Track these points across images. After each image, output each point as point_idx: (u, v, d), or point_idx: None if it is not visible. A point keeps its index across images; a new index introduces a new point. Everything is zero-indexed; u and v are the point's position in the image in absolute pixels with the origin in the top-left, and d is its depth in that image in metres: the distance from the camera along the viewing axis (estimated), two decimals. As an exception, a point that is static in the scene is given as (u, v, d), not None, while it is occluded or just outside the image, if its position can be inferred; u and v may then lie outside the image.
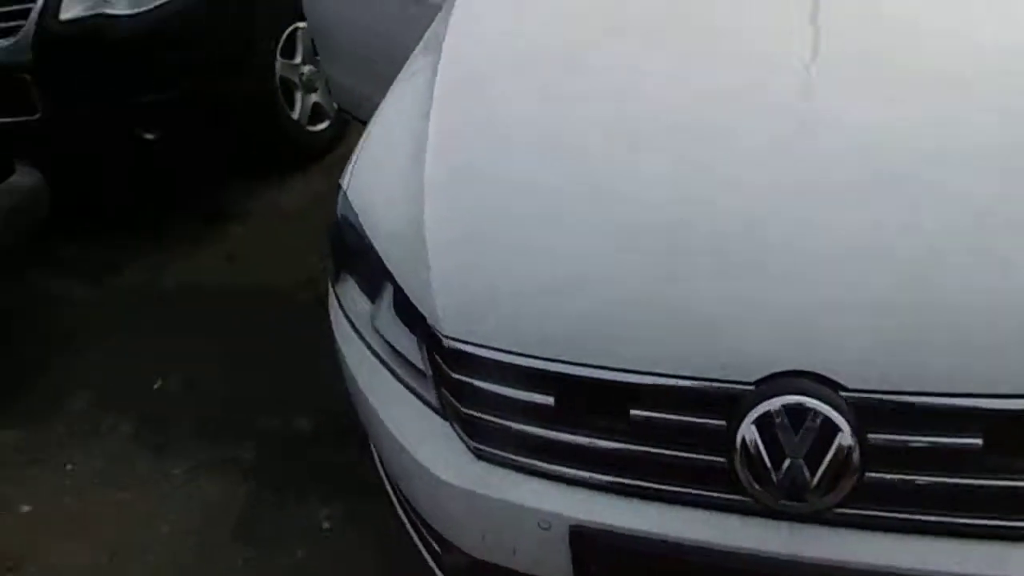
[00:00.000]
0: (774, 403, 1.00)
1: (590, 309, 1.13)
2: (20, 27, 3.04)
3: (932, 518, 1.00)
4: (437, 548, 1.38)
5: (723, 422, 1.03)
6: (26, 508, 2.08)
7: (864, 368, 0.99)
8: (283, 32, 3.39)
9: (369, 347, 1.39)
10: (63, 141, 3.28)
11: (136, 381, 2.43)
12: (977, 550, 0.99)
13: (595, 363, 1.09)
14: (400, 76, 1.65)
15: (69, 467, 2.20)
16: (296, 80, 3.44)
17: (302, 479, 2.00)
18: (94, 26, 3.08)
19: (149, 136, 3.22)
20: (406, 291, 1.28)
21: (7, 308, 2.64)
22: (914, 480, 0.99)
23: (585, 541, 1.13)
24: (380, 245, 1.35)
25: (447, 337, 1.19)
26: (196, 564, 1.87)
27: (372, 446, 1.50)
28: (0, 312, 2.56)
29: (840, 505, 1.01)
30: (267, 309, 2.63)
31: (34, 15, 3.02)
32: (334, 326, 1.50)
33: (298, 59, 3.45)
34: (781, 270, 1.07)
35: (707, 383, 1.04)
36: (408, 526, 1.48)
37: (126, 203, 3.44)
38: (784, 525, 1.04)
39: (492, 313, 1.18)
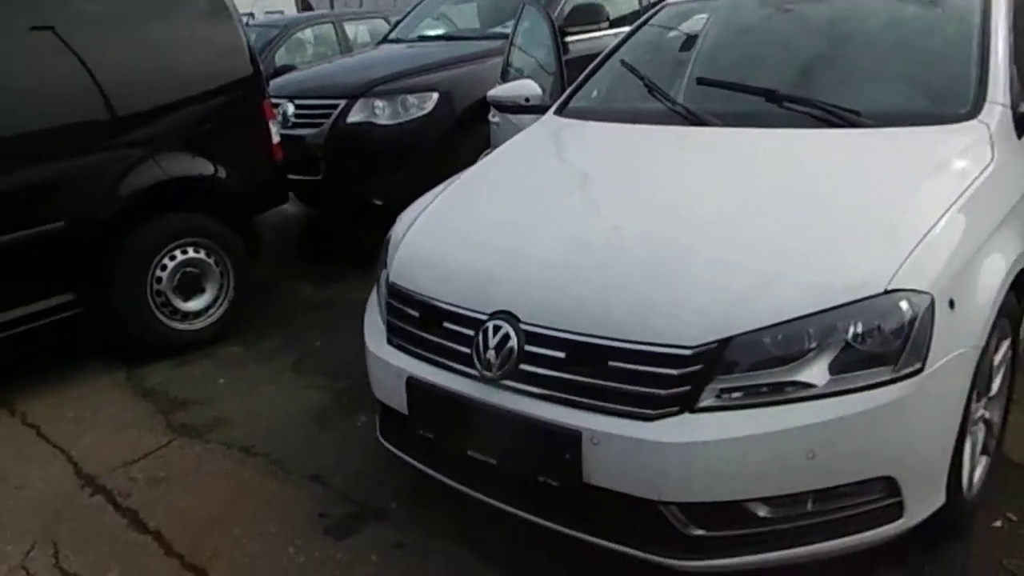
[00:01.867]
0: (489, 324, 2.06)
1: (441, 274, 2.28)
2: (323, 123, 4.83)
3: (554, 393, 1.95)
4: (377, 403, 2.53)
5: (472, 332, 2.11)
6: (222, 381, 3.55)
7: (529, 314, 2.02)
8: (483, 151, 4.86)
9: (377, 291, 2.64)
10: (329, 196, 5.02)
11: (306, 339, 3.90)
12: (572, 414, 1.93)
13: (435, 297, 2.23)
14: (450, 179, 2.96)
15: (251, 367, 3.66)
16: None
17: (359, 401, 3.22)
18: (365, 128, 4.79)
19: (378, 203, 4.81)
20: (388, 261, 2.51)
21: (258, 292, 4.25)
22: (540, 372, 1.98)
23: (412, 386, 2.23)
24: (391, 242, 2.61)
25: (391, 279, 2.40)
26: (286, 427, 3.15)
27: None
28: (255, 292, 4.18)
29: (508, 378, 2.02)
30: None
31: (333, 117, 4.80)
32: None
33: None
34: (517, 265, 2.14)
35: (473, 312, 2.12)
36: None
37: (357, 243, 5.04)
38: (487, 386, 2.06)
39: (411, 271, 2.37)
